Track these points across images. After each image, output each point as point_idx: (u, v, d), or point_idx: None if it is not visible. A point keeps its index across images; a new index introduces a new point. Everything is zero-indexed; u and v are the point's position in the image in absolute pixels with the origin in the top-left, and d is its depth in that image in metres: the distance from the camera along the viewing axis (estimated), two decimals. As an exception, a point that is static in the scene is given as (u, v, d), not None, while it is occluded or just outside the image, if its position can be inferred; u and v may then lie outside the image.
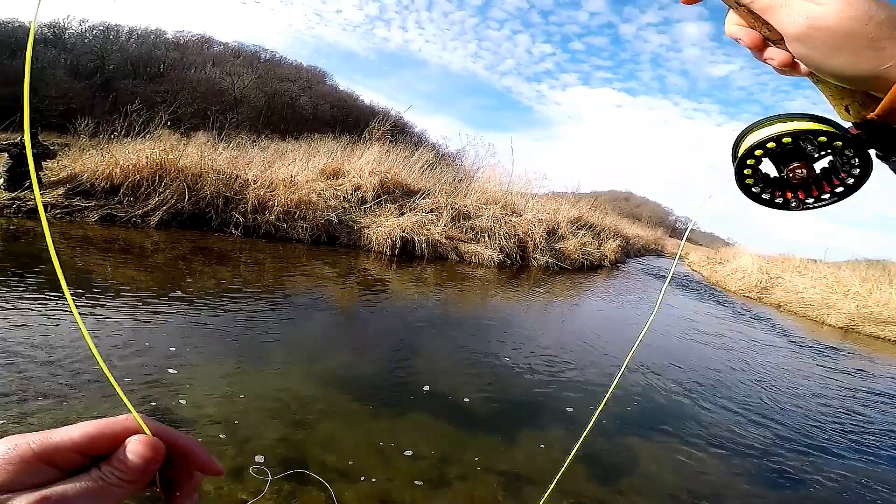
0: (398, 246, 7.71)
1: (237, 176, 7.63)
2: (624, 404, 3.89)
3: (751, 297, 13.63)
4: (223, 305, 4.16)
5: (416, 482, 2.37)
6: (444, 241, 8.29)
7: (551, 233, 11.53)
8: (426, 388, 3.39)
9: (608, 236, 15.16)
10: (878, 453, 3.86)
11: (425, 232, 8.08)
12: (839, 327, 10.56)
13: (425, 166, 10.69)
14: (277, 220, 7.23)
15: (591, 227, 14.21)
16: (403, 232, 7.80)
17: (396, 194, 8.92)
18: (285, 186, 7.56)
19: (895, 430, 4.52)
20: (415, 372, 3.68)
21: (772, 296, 13.41)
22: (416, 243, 7.86)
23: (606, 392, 1.08)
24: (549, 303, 7.53)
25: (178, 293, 4.21)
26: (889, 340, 9.71)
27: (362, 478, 2.32)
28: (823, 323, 10.92)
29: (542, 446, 3.01)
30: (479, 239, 9.13)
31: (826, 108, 0.46)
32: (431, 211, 8.82)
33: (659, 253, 24.57)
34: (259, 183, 7.65)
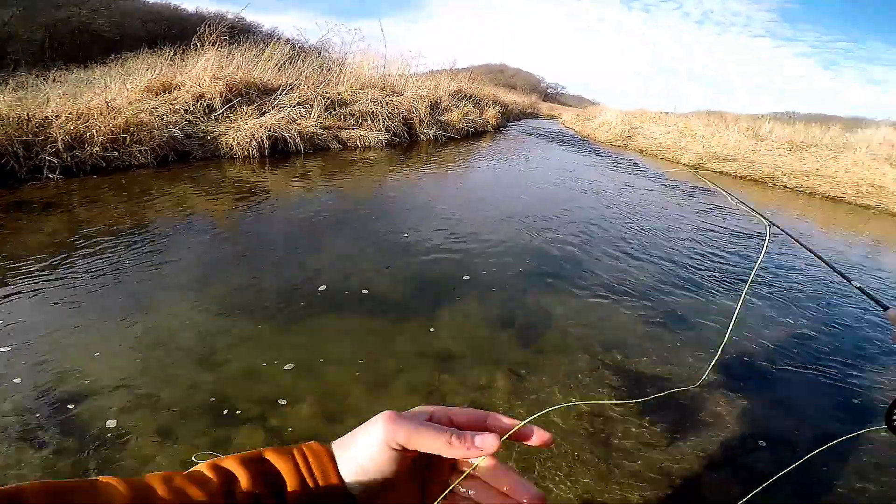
0: (266, 146, 6.73)
1: (29, 117, 5.94)
2: (525, 260, 3.98)
3: (617, 146, 14.90)
4: (74, 259, 3.27)
5: (353, 388, 2.24)
6: (320, 131, 7.42)
7: (434, 107, 11.20)
8: (329, 287, 3.16)
9: (488, 104, 15.21)
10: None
11: (296, 126, 7.07)
12: (691, 165, 11.95)
13: (282, 62, 9.24)
14: (104, 150, 5.81)
15: (471, 97, 14.13)
16: (269, 130, 6.78)
17: (252, 95, 7.60)
18: (101, 114, 6.01)
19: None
20: (319, 272, 3.36)
21: (635, 143, 14.75)
22: (289, 139, 6.88)
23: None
24: (443, 172, 7.44)
25: (9, 263, 3.14)
26: (730, 174, 11.14)
27: (296, 401, 2.11)
28: (678, 162, 12.27)
29: (463, 317, 2.99)
30: (361, 123, 8.41)
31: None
32: (299, 104, 7.70)
33: (535, 115, 25.47)
34: (64, 117, 6.02)
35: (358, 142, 7.99)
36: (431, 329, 2.82)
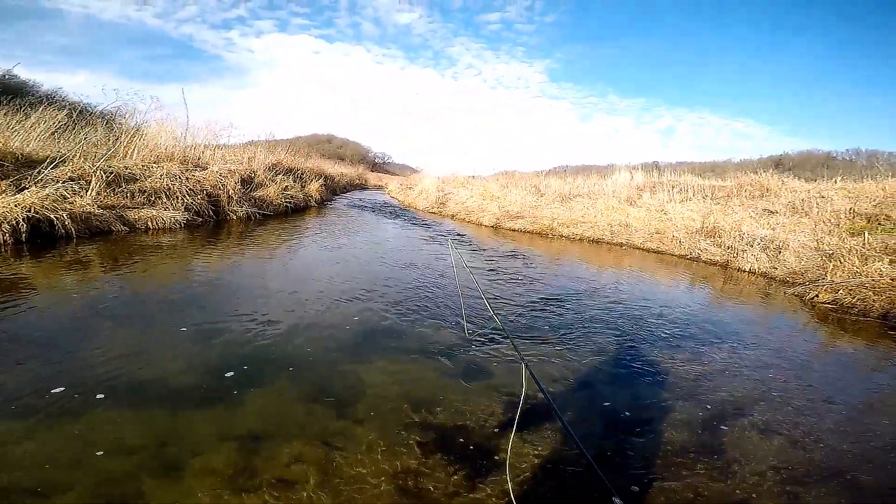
0: (24, 229, 5.75)
1: None
2: (340, 335, 4.00)
3: (433, 213, 16.29)
4: None
5: (140, 474, 2.15)
6: (100, 211, 6.62)
7: (247, 182, 10.88)
8: (113, 380, 2.90)
9: (311, 178, 15.34)
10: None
11: (67, 206, 6.25)
12: (490, 225, 13.61)
13: (55, 129, 8.19)
14: None
15: (292, 170, 14.05)
16: (29, 211, 5.84)
17: (7, 167, 6.54)
18: None
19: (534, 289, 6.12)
20: (92, 368, 3.06)
21: (448, 209, 16.22)
22: (56, 221, 6.03)
23: None
24: (256, 254, 7.04)
25: None
26: (521, 230, 12.88)
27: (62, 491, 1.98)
28: (480, 224, 13.90)
29: (273, 397, 2.94)
30: (153, 202, 7.73)
31: None
32: (73, 180, 6.86)
33: (363, 186, 26.47)
34: None
35: (150, 223, 7.28)
36: (236, 411, 2.73)
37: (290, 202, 12.13)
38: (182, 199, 8.13)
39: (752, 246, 8.75)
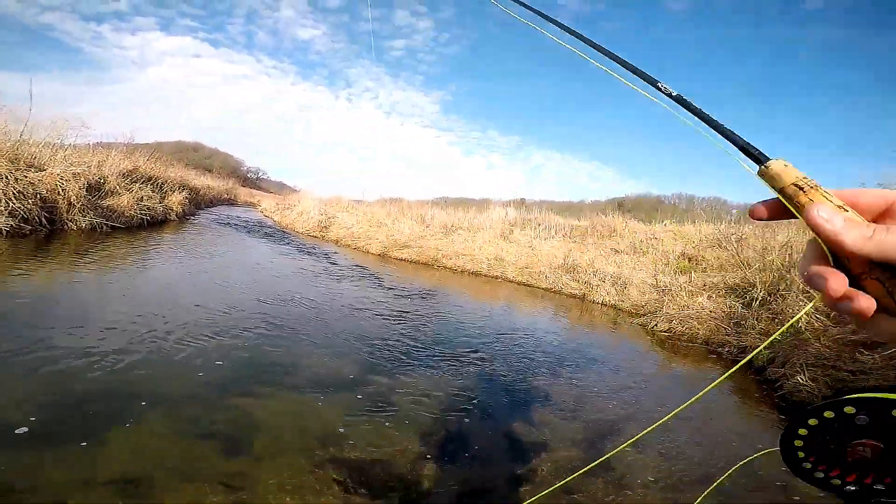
0: None
1: None
2: (218, 366, 3.60)
3: (315, 237, 15.62)
4: None
5: None
6: None
7: (95, 188, 9.34)
8: None
9: (173, 188, 13.77)
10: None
11: None
12: (377, 254, 13.46)
13: None
14: None
15: (151, 179, 12.43)
16: None
17: None
18: None
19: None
20: None
21: (331, 233, 15.64)
22: None
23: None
24: (100, 273, 5.96)
25: None
26: (408, 260, 12.97)
27: None
28: (368, 251, 13.67)
29: (146, 436, 2.54)
30: (-37, 205, 6.21)
31: None
32: None
33: (232, 202, 24.47)
34: None
35: None
36: (101, 453, 2.31)
37: (146, 214, 10.70)
38: (7, 202, 6.67)
39: (603, 281, 10.10)
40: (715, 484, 1.91)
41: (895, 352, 4.05)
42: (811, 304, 0.54)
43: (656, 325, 7.48)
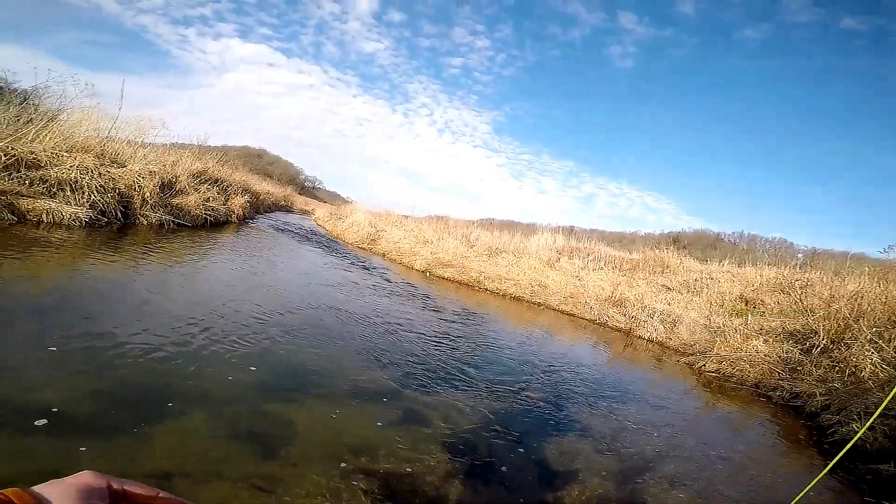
0: None
1: None
2: (261, 370, 3.67)
3: (363, 248, 16.02)
4: None
5: None
6: None
7: (168, 186, 10.04)
8: None
9: (237, 192, 14.58)
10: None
11: None
12: (421, 270, 13.61)
13: None
14: None
15: (217, 181, 13.23)
16: None
17: None
18: None
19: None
20: None
21: (379, 246, 15.98)
22: None
23: None
24: (166, 265, 6.31)
25: None
26: (449, 279, 13.10)
27: None
28: (412, 267, 13.88)
29: (186, 434, 2.58)
30: (54, 194, 6.84)
31: None
32: None
33: (288, 209, 25.56)
34: None
35: (44, 216, 6.45)
36: (142, 449, 2.36)
37: (210, 214, 11.35)
38: (90, 195, 7.31)
39: (652, 317, 9.68)
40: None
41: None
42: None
43: (704, 364, 7.07)
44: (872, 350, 5.09)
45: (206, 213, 11.12)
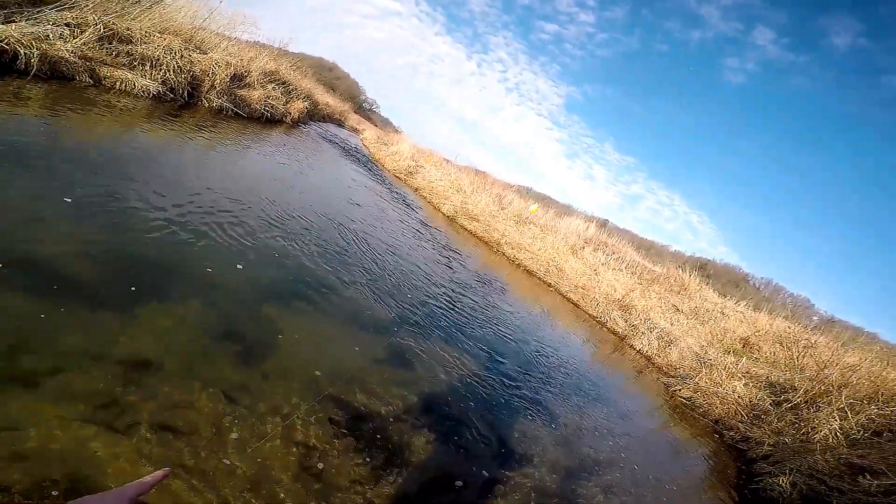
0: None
1: None
2: (269, 270, 3.70)
3: (399, 178, 16.43)
4: None
5: None
6: (73, 59, 6.13)
7: (238, 78, 10.42)
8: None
9: (299, 96, 14.88)
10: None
11: (45, 47, 5.75)
12: (447, 215, 14.01)
13: None
14: None
15: (285, 83, 13.61)
16: (2, 41, 5.30)
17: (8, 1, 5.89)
18: None
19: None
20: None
21: (414, 181, 16.35)
22: (21, 54, 5.51)
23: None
24: (212, 145, 6.64)
25: None
26: (472, 232, 13.50)
27: None
28: (439, 209, 14.25)
29: (176, 321, 2.55)
30: (134, 66, 7.25)
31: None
32: (69, 26, 6.30)
33: (341, 124, 25.76)
34: None
35: (118, 84, 6.86)
36: (126, 328, 2.29)
37: (268, 110, 11.83)
38: (165, 72, 7.71)
39: (650, 331, 9.98)
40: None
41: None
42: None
43: (680, 389, 7.47)
44: (837, 417, 5.42)
45: (264, 109, 11.55)
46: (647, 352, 9.44)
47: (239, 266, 3.47)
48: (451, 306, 5.93)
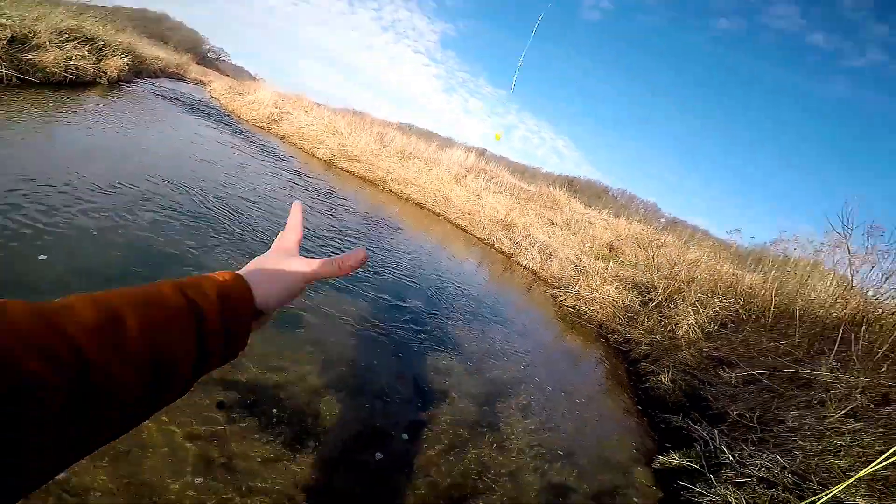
0: None
1: None
2: (74, 257, 3.17)
3: (261, 127, 15.00)
4: None
5: None
6: None
7: (20, 41, 8.25)
8: None
9: (115, 53, 12.35)
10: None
11: None
12: (324, 160, 13.29)
13: None
14: None
15: (92, 40, 11.15)
16: None
17: None
18: None
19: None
20: None
21: (279, 128, 15.07)
22: None
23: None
24: None
25: None
26: (354, 174, 13.12)
27: None
28: (313, 155, 13.43)
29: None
30: None
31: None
32: None
33: (180, 77, 22.29)
34: None
35: None
36: None
37: (72, 73, 9.64)
38: None
39: (532, 246, 10.81)
40: None
41: (749, 374, 4.76)
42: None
43: (565, 299, 8.32)
44: (692, 312, 6.42)
45: (66, 72, 9.42)
46: (532, 266, 10.25)
47: (42, 257, 2.89)
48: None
